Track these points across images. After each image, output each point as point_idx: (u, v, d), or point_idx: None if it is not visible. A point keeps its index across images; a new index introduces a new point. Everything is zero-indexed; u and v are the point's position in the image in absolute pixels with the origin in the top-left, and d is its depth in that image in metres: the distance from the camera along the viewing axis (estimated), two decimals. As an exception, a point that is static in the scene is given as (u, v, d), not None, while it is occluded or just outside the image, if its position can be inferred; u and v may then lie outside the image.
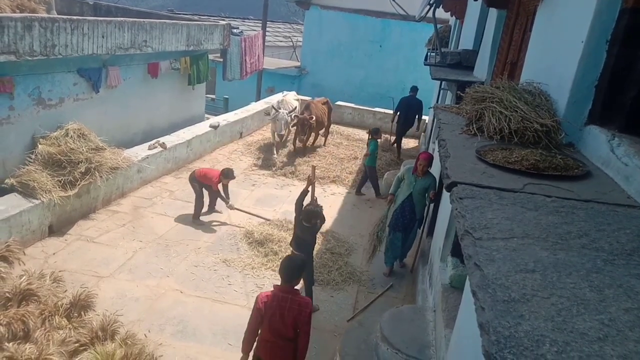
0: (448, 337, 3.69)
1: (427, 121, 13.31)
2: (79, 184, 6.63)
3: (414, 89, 11.59)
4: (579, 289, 1.37)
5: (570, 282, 1.39)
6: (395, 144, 11.87)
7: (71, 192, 6.51)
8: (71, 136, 7.16)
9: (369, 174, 9.11)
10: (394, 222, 6.32)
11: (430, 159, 6.08)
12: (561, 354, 1.15)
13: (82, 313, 4.62)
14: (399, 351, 4.07)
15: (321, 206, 5.50)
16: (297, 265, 3.63)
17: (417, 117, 11.55)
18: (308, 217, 5.34)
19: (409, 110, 11.35)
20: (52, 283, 4.93)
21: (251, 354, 3.69)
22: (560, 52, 2.88)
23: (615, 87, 2.47)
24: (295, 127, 10.56)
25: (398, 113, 11.49)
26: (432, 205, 6.37)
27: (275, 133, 10.58)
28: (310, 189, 5.74)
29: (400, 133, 11.57)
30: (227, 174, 7.26)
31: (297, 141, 11.00)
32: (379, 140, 9.17)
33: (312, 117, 10.38)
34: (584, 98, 2.61)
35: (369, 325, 4.76)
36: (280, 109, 10.44)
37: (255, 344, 3.62)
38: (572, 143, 2.70)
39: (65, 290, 5.00)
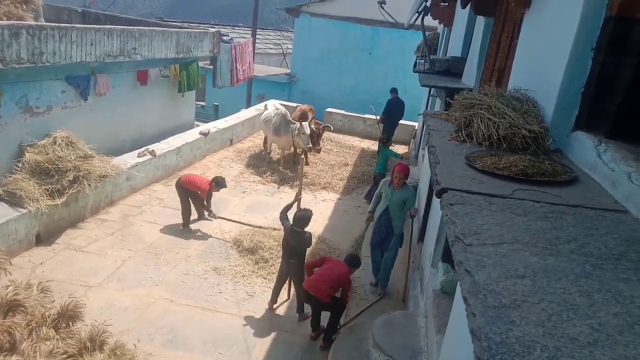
0: (440, 342, 3.69)
1: (416, 128, 13.41)
2: (67, 193, 6.55)
3: (395, 90, 12.24)
4: (569, 294, 1.38)
5: (560, 287, 1.40)
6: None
7: (59, 201, 6.43)
8: (59, 144, 7.08)
9: (377, 181, 9.17)
10: (372, 238, 6.22)
11: (406, 171, 5.92)
12: (552, 360, 1.15)
13: (70, 323, 4.55)
14: (391, 358, 4.06)
15: (311, 211, 5.49)
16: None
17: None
18: (299, 222, 5.33)
19: (398, 111, 12.04)
20: (40, 293, 4.86)
21: None
22: (547, 59, 2.93)
23: (601, 93, 2.51)
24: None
25: (383, 116, 12.02)
26: (414, 219, 6.14)
27: (299, 148, 10.32)
28: (295, 202, 5.76)
29: (391, 134, 11.73)
30: (219, 182, 7.20)
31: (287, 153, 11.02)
32: (391, 147, 9.42)
33: (322, 125, 10.60)
34: (571, 104, 2.65)
35: (360, 331, 4.75)
36: (297, 123, 10.02)
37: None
38: (560, 149, 2.74)
39: (53, 301, 4.93)
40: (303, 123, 9.87)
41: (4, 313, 4.30)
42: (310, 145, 9.94)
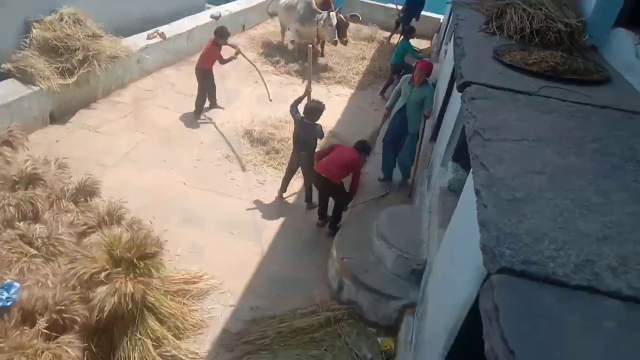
0: (441, 235, 3.83)
1: (441, 21, 12.60)
2: (77, 72, 6.43)
3: None
4: (586, 192, 1.37)
5: (578, 185, 1.39)
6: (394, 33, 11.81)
7: (70, 80, 6.34)
8: (66, 21, 6.77)
9: (391, 72, 8.88)
10: (386, 135, 6.16)
11: (428, 69, 5.70)
12: (559, 251, 1.18)
13: (88, 199, 4.74)
14: (392, 246, 4.26)
15: (323, 104, 5.39)
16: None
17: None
18: (310, 113, 5.27)
19: (417, 4, 11.29)
20: (57, 169, 4.99)
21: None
22: (600, -59, 2.61)
23: (653, -15, 2.27)
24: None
25: (405, 6, 11.34)
26: (426, 120, 6.00)
27: (327, 40, 9.45)
28: (306, 97, 5.61)
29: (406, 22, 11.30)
30: (222, 33, 7.03)
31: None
32: (411, 39, 8.87)
33: (349, 15, 9.70)
34: (617, -4, 2.42)
35: (365, 221, 4.93)
36: (323, 12, 9.09)
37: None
38: (596, 46, 2.56)
39: (70, 177, 5.08)
40: (330, 13, 9.04)
41: (24, 185, 4.47)
42: (337, 38, 9.18)
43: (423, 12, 12.57)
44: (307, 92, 5.68)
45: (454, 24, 3.07)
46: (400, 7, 11.40)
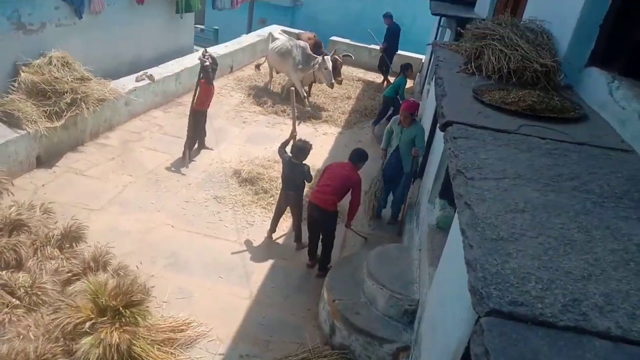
0: (432, 274, 3.81)
1: (423, 61, 12.99)
2: (65, 115, 6.45)
3: (390, 16, 11.94)
4: (567, 229, 1.38)
5: (559, 222, 1.41)
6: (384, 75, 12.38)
7: (58, 124, 6.35)
8: (55, 64, 6.86)
9: (382, 104, 9.07)
10: (383, 174, 6.29)
11: (411, 108, 5.84)
12: (545, 291, 1.17)
13: (74, 244, 4.66)
14: (384, 286, 4.21)
15: (310, 143, 5.44)
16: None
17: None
18: (297, 152, 5.31)
19: (397, 38, 11.94)
20: (43, 214, 4.94)
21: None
22: (568, -13, 2.75)
23: (620, 27, 2.38)
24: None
25: (385, 44, 11.89)
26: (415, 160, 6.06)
27: (324, 83, 9.59)
28: (292, 138, 5.69)
29: (390, 61, 12.00)
30: (210, 61, 7.20)
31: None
32: (407, 77, 9.20)
33: (342, 55, 10.01)
34: (587, 38, 2.53)
35: (356, 261, 4.89)
36: (318, 56, 9.36)
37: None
38: (571, 85, 2.65)
39: (56, 222, 5.02)
40: (325, 57, 9.31)
41: (8, 232, 4.39)
42: (333, 81, 9.40)
43: (406, 53, 13.04)
44: (293, 135, 5.74)
45: (435, 65, 3.16)
46: (381, 45, 11.99)
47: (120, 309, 3.44)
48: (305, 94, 10.07)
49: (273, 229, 5.73)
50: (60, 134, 6.52)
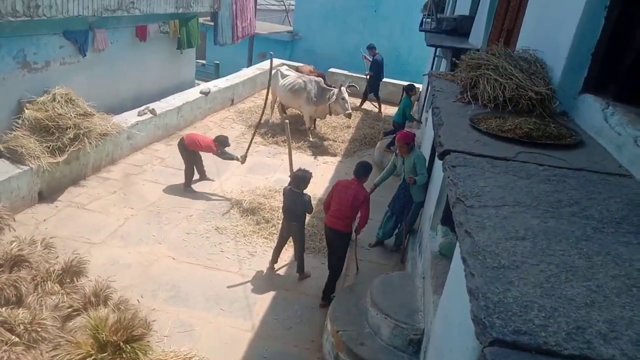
0: (436, 302, 3.76)
1: (420, 90, 13.19)
2: (68, 150, 6.53)
3: (374, 47, 12.55)
4: (568, 256, 1.38)
5: (560, 249, 1.41)
6: (378, 103, 12.92)
7: (60, 159, 6.43)
8: (58, 101, 6.99)
9: (396, 129, 9.18)
10: (392, 205, 6.34)
11: (405, 138, 5.88)
12: (549, 319, 1.17)
13: (75, 279, 4.63)
14: (388, 316, 4.15)
15: (310, 172, 5.47)
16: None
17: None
18: (298, 182, 5.33)
19: (381, 67, 12.53)
20: (44, 249, 4.91)
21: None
22: (558, 18, 2.83)
23: (612, 54, 2.44)
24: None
25: (372, 73, 12.47)
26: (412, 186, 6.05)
27: (341, 113, 9.75)
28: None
29: (377, 89, 12.61)
30: (223, 142, 7.18)
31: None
32: (412, 97, 9.36)
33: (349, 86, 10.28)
34: (580, 66, 2.58)
35: (359, 290, 4.84)
36: (333, 89, 9.63)
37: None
38: (566, 112, 2.69)
39: (57, 257, 5.00)
40: (342, 88, 9.56)
41: (9, 268, 4.37)
42: (350, 110, 9.61)
43: (404, 82, 13.24)
44: (292, 170, 5.80)
45: (432, 94, 3.22)
46: (369, 75, 12.51)
47: (121, 344, 3.39)
48: (311, 126, 10.24)
49: (275, 259, 5.70)
50: (62, 168, 6.57)
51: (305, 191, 5.40)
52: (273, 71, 10.29)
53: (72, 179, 6.94)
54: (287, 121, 6.46)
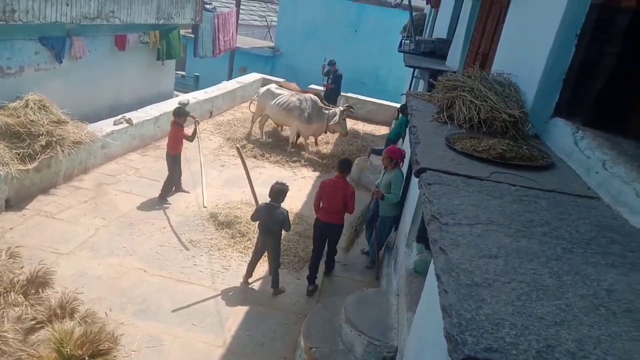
0: (410, 320, 3.77)
1: (398, 109, 13.41)
2: (39, 158, 6.37)
3: (335, 62, 13.17)
4: (539, 275, 1.41)
5: (531, 268, 1.43)
6: None
7: (30, 166, 6.25)
8: (31, 107, 6.83)
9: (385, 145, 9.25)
10: (365, 210, 6.38)
11: (391, 152, 5.92)
12: (519, 337, 1.18)
13: (40, 290, 4.47)
14: (362, 333, 4.14)
15: (287, 185, 5.46)
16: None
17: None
18: (275, 195, 5.31)
19: (340, 82, 13.17)
20: (9, 259, 4.75)
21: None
22: (531, 44, 2.93)
23: (582, 81, 2.53)
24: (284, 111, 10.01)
25: (332, 85, 13.12)
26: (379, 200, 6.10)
27: (339, 132, 10.04)
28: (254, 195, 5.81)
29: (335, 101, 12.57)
30: (179, 112, 7.13)
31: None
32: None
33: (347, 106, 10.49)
34: (552, 90, 2.67)
35: (333, 307, 4.81)
36: (333, 108, 9.92)
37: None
38: (538, 135, 2.77)
39: (22, 267, 4.83)
40: (341, 108, 9.79)
41: (-30, 278, 4.20)
42: (347, 130, 9.96)
43: (382, 102, 13.53)
44: (255, 199, 5.80)
45: (409, 114, 3.27)
46: (326, 84, 13.11)
47: (86, 358, 3.27)
48: (294, 141, 10.32)
49: (249, 273, 5.63)
50: (32, 176, 6.39)
51: (282, 205, 5.38)
52: (262, 89, 10.33)
53: (42, 187, 6.74)
54: (238, 146, 6.43)
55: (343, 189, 5.58)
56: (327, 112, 9.82)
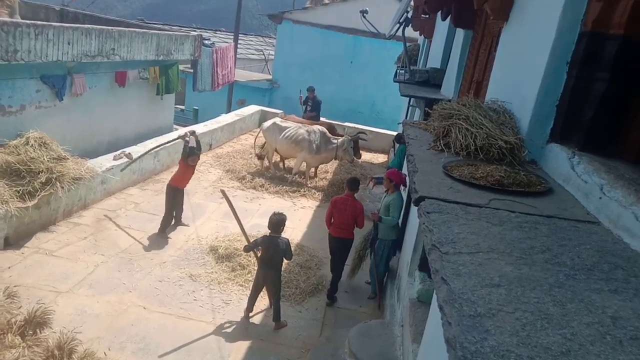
0: (415, 352, 3.69)
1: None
2: (38, 195, 6.37)
3: (314, 89, 13.27)
4: (543, 303, 1.39)
5: (534, 296, 1.41)
6: None
7: (30, 203, 6.25)
8: (32, 145, 6.89)
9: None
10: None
11: (392, 175, 6.00)
12: (526, 369, 1.16)
13: (38, 331, 4.40)
14: (367, 367, 4.05)
15: (285, 215, 5.42)
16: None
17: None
18: (275, 226, 5.28)
19: (319, 108, 13.25)
20: (6, 299, 4.69)
21: None
22: (524, 72, 2.98)
23: (574, 106, 2.56)
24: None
25: (314, 113, 13.22)
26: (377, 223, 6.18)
27: (347, 160, 10.26)
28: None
29: None
30: (190, 152, 7.19)
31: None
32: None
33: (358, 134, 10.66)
34: (546, 117, 2.70)
35: (337, 340, 4.72)
36: (340, 138, 10.13)
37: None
38: (535, 160, 2.78)
39: (20, 307, 4.76)
40: (346, 137, 10.01)
41: (-34, 319, 4.13)
42: (354, 157, 10.11)
43: (379, 130, 13.66)
44: (247, 238, 5.72)
45: (406, 142, 3.29)
46: (308, 113, 13.17)
47: (84, 402, 3.19)
48: (298, 172, 10.47)
49: (250, 308, 5.54)
50: (31, 213, 6.38)
51: (282, 235, 5.36)
52: (268, 124, 10.36)
53: (41, 225, 6.72)
54: (223, 189, 6.46)
55: (352, 206, 5.97)
56: (335, 142, 10.05)
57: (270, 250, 5.26)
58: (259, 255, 5.47)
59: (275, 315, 5.45)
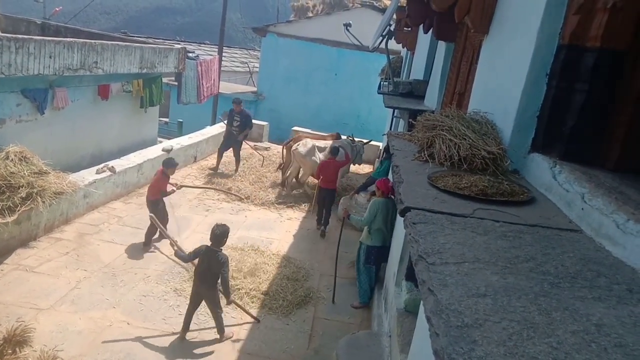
0: (404, 363, 3.68)
1: (381, 148, 13.62)
2: (18, 210, 6.23)
3: (240, 102, 11.66)
4: (529, 312, 1.40)
5: (520, 305, 1.43)
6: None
7: (10, 219, 6.10)
8: (12, 159, 6.75)
9: (368, 182, 9.19)
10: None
11: (380, 185, 6.12)
12: (513, 379, 1.16)
13: (18, 349, 4.28)
14: (355, 379, 4.02)
15: (228, 226, 5.28)
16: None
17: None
18: (218, 238, 5.06)
19: (249, 121, 11.75)
20: (-16, 318, 4.55)
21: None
22: (505, 83, 3.04)
23: (555, 117, 2.61)
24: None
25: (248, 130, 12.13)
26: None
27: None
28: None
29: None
30: (169, 163, 7.06)
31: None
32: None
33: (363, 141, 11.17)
34: (527, 127, 2.75)
35: (325, 352, 4.69)
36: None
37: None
38: (517, 170, 2.82)
39: (-1, 325, 4.63)
40: (363, 142, 10.93)
41: (-58, 340, 4.00)
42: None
43: (364, 140, 13.66)
44: (175, 248, 5.65)
45: (391, 153, 3.32)
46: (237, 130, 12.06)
47: (65, 423, 3.09)
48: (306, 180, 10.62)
49: (186, 327, 5.25)
50: (11, 229, 6.23)
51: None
52: (305, 149, 9.72)
53: (21, 240, 6.57)
54: (151, 215, 6.43)
55: (334, 165, 8.57)
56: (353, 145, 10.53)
57: (205, 263, 5.03)
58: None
59: (218, 328, 5.25)
